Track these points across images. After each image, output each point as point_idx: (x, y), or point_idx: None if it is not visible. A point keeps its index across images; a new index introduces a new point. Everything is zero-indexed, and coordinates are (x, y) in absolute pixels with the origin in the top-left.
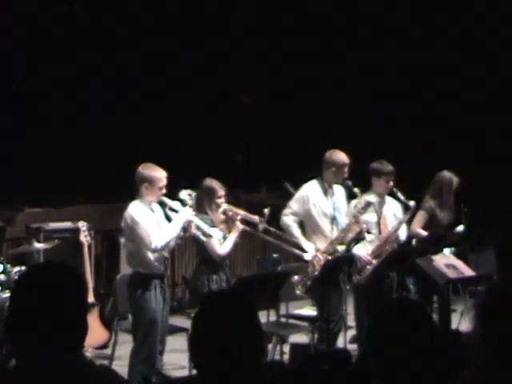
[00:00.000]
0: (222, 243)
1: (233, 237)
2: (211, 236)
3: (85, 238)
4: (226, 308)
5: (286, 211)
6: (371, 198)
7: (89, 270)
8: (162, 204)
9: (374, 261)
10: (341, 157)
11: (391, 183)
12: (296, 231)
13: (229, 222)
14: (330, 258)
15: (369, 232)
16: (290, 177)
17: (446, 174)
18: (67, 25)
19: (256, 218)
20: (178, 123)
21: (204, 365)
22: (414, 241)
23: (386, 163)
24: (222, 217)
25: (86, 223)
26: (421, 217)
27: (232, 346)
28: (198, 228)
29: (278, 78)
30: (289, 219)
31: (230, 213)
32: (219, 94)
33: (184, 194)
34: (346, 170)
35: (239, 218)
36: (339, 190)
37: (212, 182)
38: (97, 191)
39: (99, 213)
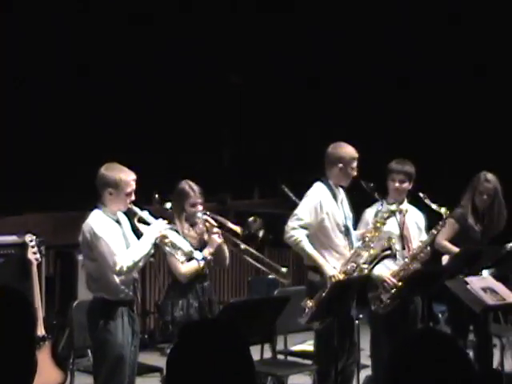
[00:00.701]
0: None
1: (205, 253)
2: (190, 256)
3: (33, 255)
4: (209, 340)
5: (294, 223)
6: (393, 206)
7: (38, 296)
8: (130, 214)
9: (399, 283)
10: (348, 149)
11: (402, 185)
12: (310, 247)
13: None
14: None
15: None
16: (288, 179)
17: (483, 174)
18: None
19: (237, 228)
20: (148, 113)
21: None
22: (443, 258)
23: (404, 161)
24: (195, 230)
25: (35, 236)
26: (449, 227)
27: None
28: (174, 246)
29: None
30: (300, 233)
31: (207, 224)
32: (202, 74)
33: (169, 204)
34: (355, 165)
35: (215, 229)
36: (343, 194)
37: (185, 185)
38: (49, 196)
39: (52, 223)
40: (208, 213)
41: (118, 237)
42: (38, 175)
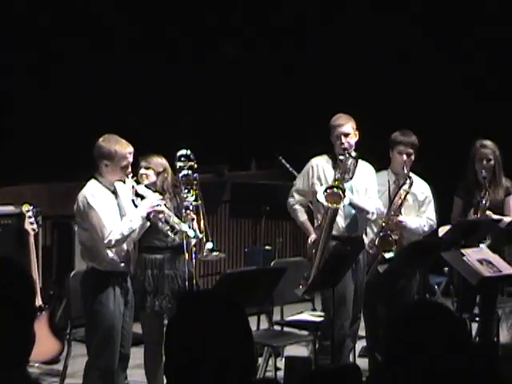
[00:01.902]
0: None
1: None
2: (181, 233)
3: (30, 225)
4: (208, 311)
5: (292, 190)
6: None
7: (35, 266)
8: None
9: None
10: (337, 116)
11: (408, 157)
12: (301, 215)
13: None
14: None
15: None
16: (286, 151)
17: (478, 141)
18: None
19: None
20: (146, 84)
21: (180, 382)
22: (440, 230)
23: (408, 132)
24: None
25: (32, 207)
26: (455, 204)
27: (215, 360)
28: (167, 222)
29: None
30: (294, 200)
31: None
32: (196, 46)
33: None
34: (344, 132)
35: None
36: (366, 169)
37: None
38: (47, 167)
39: (49, 194)
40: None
41: (112, 208)
42: (34, 146)
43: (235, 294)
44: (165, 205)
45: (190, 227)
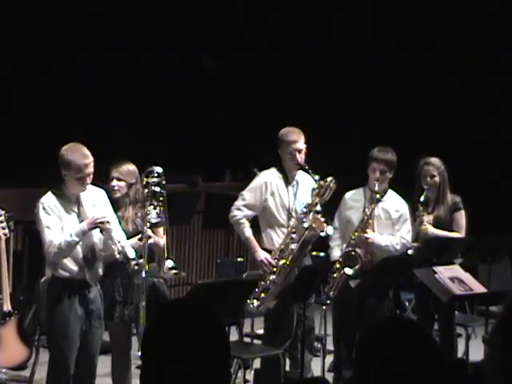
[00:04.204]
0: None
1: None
2: (123, 251)
3: (2, 230)
4: (185, 320)
5: (239, 203)
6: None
7: (5, 271)
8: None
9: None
10: (288, 131)
11: (381, 174)
12: (247, 231)
13: None
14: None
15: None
16: (261, 162)
17: (422, 160)
18: None
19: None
20: (118, 93)
21: None
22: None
23: (385, 149)
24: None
25: (3, 211)
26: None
27: (192, 368)
28: (111, 238)
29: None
30: (241, 214)
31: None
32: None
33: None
34: (298, 148)
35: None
36: (306, 179)
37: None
38: (19, 172)
39: (21, 199)
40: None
41: (65, 220)
42: (7, 150)
43: (206, 304)
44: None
45: (133, 248)
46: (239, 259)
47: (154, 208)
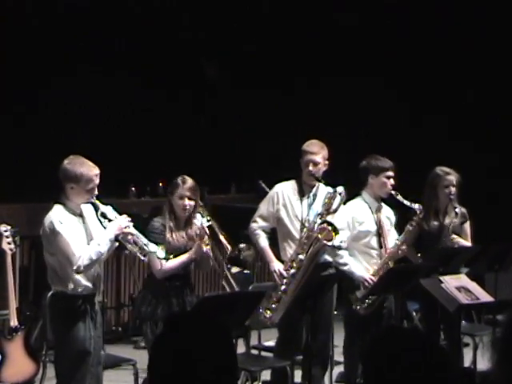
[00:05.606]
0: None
1: (185, 257)
2: (150, 253)
3: (8, 245)
4: (194, 332)
5: (255, 215)
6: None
7: (12, 286)
8: (94, 205)
9: None
10: (311, 142)
11: (392, 182)
12: (263, 242)
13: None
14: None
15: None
16: (265, 175)
17: (439, 169)
18: None
19: (228, 246)
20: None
21: None
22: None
23: (384, 158)
24: (186, 231)
25: (9, 227)
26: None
27: (201, 380)
28: (136, 243)
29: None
30: (257, 225)
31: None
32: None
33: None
34: (315, 160)
35: (207, 241)
36: (319, 190)
37: (179, 177)
38: (24, 187)
39: (27, 214)
40: (211, 222)
41: (79, 233)
42: (12, 165)
43: (213, 316)
44: (134, 226)
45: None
46: (246, 271)
47: (202, 216)
